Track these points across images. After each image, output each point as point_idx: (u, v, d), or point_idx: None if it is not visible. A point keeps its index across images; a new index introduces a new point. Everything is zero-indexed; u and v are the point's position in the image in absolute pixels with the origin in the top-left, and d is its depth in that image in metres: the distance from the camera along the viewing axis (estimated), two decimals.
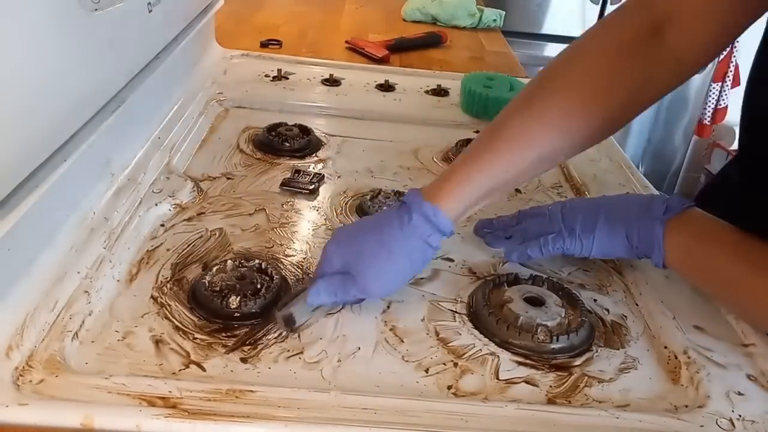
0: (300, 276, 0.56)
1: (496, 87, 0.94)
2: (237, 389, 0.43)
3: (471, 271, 0.60)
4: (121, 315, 0.50)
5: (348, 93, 0.98)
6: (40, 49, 0.49)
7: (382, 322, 0.52)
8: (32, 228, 0.49)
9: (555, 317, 0.52)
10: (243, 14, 1.38)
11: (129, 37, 0.66)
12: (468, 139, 0.83)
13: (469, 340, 0.51)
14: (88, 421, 0.39)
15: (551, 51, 2.14)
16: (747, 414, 0.45)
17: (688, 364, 0.50)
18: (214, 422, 0.40)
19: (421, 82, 1.04)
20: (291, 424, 0.41)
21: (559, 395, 0.47)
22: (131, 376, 0.44)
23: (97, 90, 0.61)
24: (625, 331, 0.54)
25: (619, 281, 0.60)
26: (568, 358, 0.50)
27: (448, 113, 0.95)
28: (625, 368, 0.50)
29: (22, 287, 0.48)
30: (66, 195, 0.55)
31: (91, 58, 0.58)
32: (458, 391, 0.46)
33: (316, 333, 0.50)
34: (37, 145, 0.50)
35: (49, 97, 0.51)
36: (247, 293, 0.51)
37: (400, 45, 1.26)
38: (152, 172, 0.68)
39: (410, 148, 0.84)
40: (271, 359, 0.47)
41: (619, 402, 0.47)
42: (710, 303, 0.57)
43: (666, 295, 0.57)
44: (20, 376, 0.42)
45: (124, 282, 0.54)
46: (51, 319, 0.47)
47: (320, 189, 0.71)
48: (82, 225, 0.56)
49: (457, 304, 0.55)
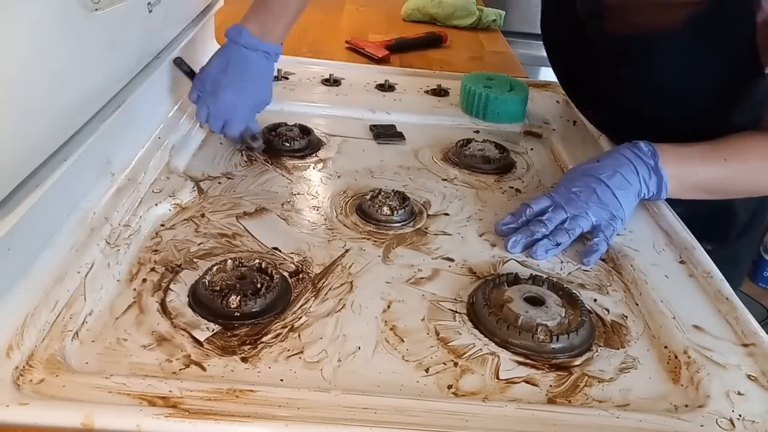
0: (300, 276, 0.56)
1: (496, 87, 0.94)
2: (237, 389, 0.43)
3: (471, 270, 0.60)
4: (121, 315, 0.50)
5: (348, 93, 0.98)
6: (41, 49, 0.49)
7: (383, 322, 0.52)
8: (32, 228, 0.49)
9: (555, 317, 0.52)
10: (243, 14, 1.38)
11: (129, 37, 0.66)
12: (468, 139, 0.83)
13: (469, 339, 0.51)
14: (89, 420, 0.39)
15: None
16: (747, 414, 0.45)
17: (688, 363, 0.50)
18: (215, 422, 0.40)
19: (421, 82, 1.04)
20: (291, 423, 0.41)
21: (559, 395, 0.47)
22: (131, 375, 0.44)
23: (97, 90, 0.61)
24: (625, 330, 0.54)
25: (619, 281, 0.60)
26: (568, 357, 0.50)
27: (448, 113, 0.95)
28: (625, 368, 0.50)
29: (22, 287, 0.48)
30: (66, 195, 0.55)
31: (91, 58, 0.58)
32: (458, 390, 0.46)
33: (316, 333, 0.50)
34: (37, 145, 0.50)
35: (49, 97, 0.51)
36: (247, 293, 0.51)
37: (400, 45, 1.26)
38: (152, 172, 0.68)
39: (410, 148, 0.84)
40: (271, 359, 0.47)
41: (619, 402, 0.47)
42: (710, 303, 0.57)
43: (666, 295, 0.57)
44: (20, 376, 0.42)
45: (124, 282, 0.54)
46: (51, 319, 0.47)
47: (320, 192, 0.71)
48: (82, 225, 0.56)
49: (457, 304, 0.55)
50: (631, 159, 0.66)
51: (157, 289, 0.53)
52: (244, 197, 0.68)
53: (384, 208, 0.65)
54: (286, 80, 1.00)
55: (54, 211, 0.53)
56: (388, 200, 0.67)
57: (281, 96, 0.94)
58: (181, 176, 0.69)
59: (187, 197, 0.66)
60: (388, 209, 0.65)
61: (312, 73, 1.03)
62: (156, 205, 0.63)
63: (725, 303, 0.56)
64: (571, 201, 0.65)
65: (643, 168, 0.66)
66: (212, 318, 0.50)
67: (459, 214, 0.69)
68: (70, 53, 0.53)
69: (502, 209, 0.70)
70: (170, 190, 0.66)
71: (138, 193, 0.64)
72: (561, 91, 1.07)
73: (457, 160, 0.80)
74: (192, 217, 0.63)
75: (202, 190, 0.68)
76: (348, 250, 0.61)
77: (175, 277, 0.54)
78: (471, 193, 0.74)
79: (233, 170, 0.73)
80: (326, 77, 1.02)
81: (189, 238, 0.60)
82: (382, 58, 1.19)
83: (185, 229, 0.62)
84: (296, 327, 0.50)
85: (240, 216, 0.64)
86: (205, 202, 0.66)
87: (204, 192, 0.68)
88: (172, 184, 0.67)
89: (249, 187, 0.70)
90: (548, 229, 0.63)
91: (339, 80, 1.01)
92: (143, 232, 0.60)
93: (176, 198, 0.65)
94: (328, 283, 0.56)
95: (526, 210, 0.66)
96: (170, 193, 0.66)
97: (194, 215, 0.64)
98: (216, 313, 0.50)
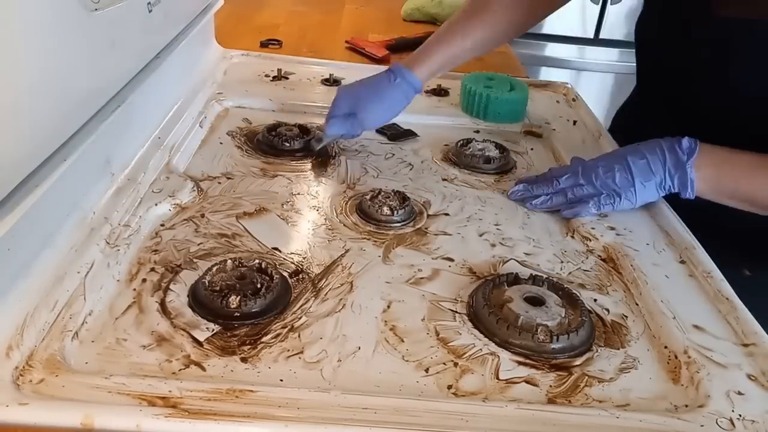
0: (300, 276, 0.56)
1: (496, 87, 0.94)
2: (237, 389, 0.43)
3: (471, 270, 0.60)
4: (121, 315, 0.50)
5: None
6: (40, 48, 0.49)
7: (383, 322, 0.52)
8: (32, 228, 0.49)
9: (555, 317, 0.52)
10: (243, 14, 1.38)
11: (129, 37, 0.66)
12: (468, 139, 0.83)
13: (469, 339, 0.51)
14: (88, 420, 0.39)
15: (551, 51, 2.14)
16: (747, 414, 0.45)
17: (688, 363, 0.50)
18: (215, 422, 0.40)
19: None
20: (291, 423, 0.41)
21: (559, 395, 0.47)
22: (131, 375, 0.44)
23: (97, 90, 0.61)
24: (626, 331, 0.54)
25: (619, 281, 0.60)
26: (568, 357, 0.50)
27: (448, 113, 0.95)
28: (625, 368, 0.50)
29: (22, 287, 0.48)
30: (66, 195, 0.55)
31: (91, 58, 0.58)
32: (458, 390, 0.46)
33: (316, 333, 0.50)
34: (37, 145, 0.50)
35: (49, 97, 0.51)
36: (247, 293, 0.51)
37: (400, 45, 1.26)
38: (152, 172, 0.68)
39: (410, 148, 0.84)
40: (271, 359, 0.47)
41: (620, 402, 0.47)
42: (710, 303, 0.57)
43: (666, 295, 0.57)
44: (20, 376, 0.42)
45: (124, 282, 0.54)
46: (51, 319, 0.47)
47: (320, 192, 0.71)
48: (82, 225, 0.56)
49: (458, 304, 0.55)
50: (665, 149, 0.66)
51: (157, 289, 0.53)
52: (244, 197, 0.68)
53: (384, 208, 0.65)
54: (286, 80, 1.00)
55: (54, 211, 0.53)
56: (388, 200, 0.67)
57: (281, 96, 0.94)
58: (181, 176, 0.69)
59: (187, 197, 0.66)
60: (388, 209, 0.65)
61: (312, 73, 1.03)
62: (156, 205, 0.63)
63: (725, 303, 0.56)
64: (588, 171, 0.68)
65: (673, 161, 0.65)
66: (212, 318, 0.50)
67: (459, 214, 0.69)
68: (70, 53, 0.53)
69: (502, 209, 0.71)
70: (170, 190, 0.66)
71: (138, 193, 0.64)
72: (561, 91, 1.07)
73: (457, 160, 0.80)
74: (192, 217, 0.63)
75: (202, 190, 0.68)
76: (348, 250, 0.61)
77: (174, 277, 0.54)
78: (471, 193, 0.74)
79: (233, 170, 0.73)
80: (326, 77, 1.02)
81: (189, 238, 0.60)
82: (382, 58, 1.19)
83: (185, 229, 0.62)
84: (296, 327, 0.50)
85: (240, 216, 0.64)
86: (205, 202, 0.66)
87: (204, 192, 0.68)
88: (172, 184, 0.67)
89: (249, 187, 0.70)
90: (554, 189, 0.70)
91: (339, 80, 1.01)
92: (143, 232, 0.60)
93: (176, 198, 0.65)
94: (328, 283, 0.56)
95: (548, 174, 0.73)
96: (170, 193, 0.66)
97: (194, 215, 0.64)
98: (216, 313, 0.50)
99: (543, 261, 0.62)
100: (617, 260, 0.63)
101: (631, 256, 0.63)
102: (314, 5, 1.53)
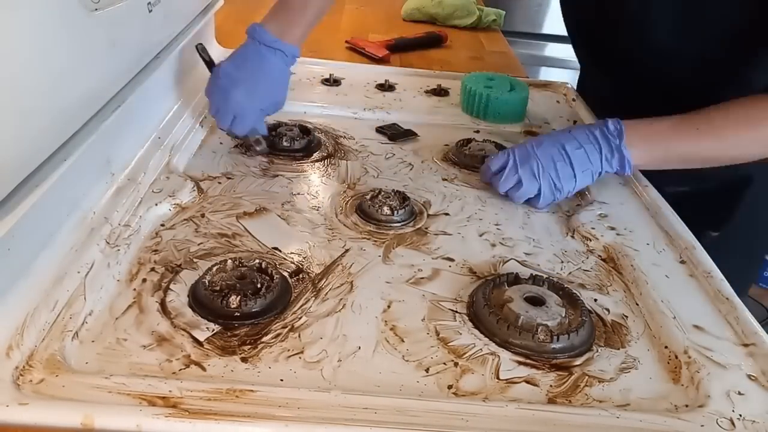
0: (300, 276, 0.56)
1: (496, 87, 0.94)
2: (237, 389, 0.43)
3: (471, 270, 0.60)
4: (121, 315, 0.50)
5: (348, 93, 0.98)
6: (40, 48, 0.49)
7: (383, 322, 0.52)
8: (32, 228, 0.49)
9: (555, 317, 0.52)
10: (243, 14, 1.38)
11: (129, 37, 0.66)
12: (468, 139, 0.83)
13: (469, 339, 0.51)
14: (88, 420, 0.39)
15: (551, 51, 2.14)
16: (747, 414, 0.45)
17: (688, 363, 0.50)
18: (215, 422, 0.40)
19: (421, 82, 1.04)
20: (291, 423, 0.41)
21: (559, 395, 0.47)
22: (131, 375, 0.44)
23: (97, 90, 0.61)
24: (626, 330, 0.54)
25: (619, 281, 0.60)
26: (568, 357, 0.50)
27: (448, 113, 0.95)
28: (625, 368, 0.50)
29: (22, 287, 0.48)
30: (66, 195, 0.55)
31: (91, 58, 0.58)
32: (458, 390, 0.46)
33: (316, 333, 0.50)
34: (37, 145, 0.50)
35: (49, 97, 0.51)
36: (247, 293, 0.51)
37: (400, 45, 1.26)
38: (152, 171, 0.68)
39: (410, 148, 0.84)
40: (271, 359, 0.47)
41: (620, 402, 0.47)
42: (710, 303, 0.57)
43: (666, 295, 0.57)
44: (20, 376, 0.42)
45: (124, 282, 0.54)
46: (51, 319, 0.47)
47: (320, 192, 0.71)
48: (82, 225, 0.56)
49: (458, 304, 0.55)
50: (598, 138, 0.70)
51: (157, 289, 0.53)
52: (244, 197, 0.68)
53: (384, 207, 0.65)
54: None
55: (54, 211, 0.53)
56: (388, 200, 0.67)
57: None
58: (181, 176, 0.69)
59: (187, 197, 0.66)
60: (388, 209, 0.65)
61: (312, 73, 1.03)
62: (156, 205, 0.63)
63: (725, 303, 0.56)
64: (527, 162, 0.69)
65: (607, 147, 0.69)
66: (212, 318, 0.50)
67: (459, 214, 0.69)
68: (70, 53, 0.53)
69: (502, 209, 0.71)
70: (170, 190, 0.66)
71: (138, 193, 0.64)
72: (561, 91, 1.07)
73: (457, 160, 0.80)
74: (192, 217, 0.63)
75: (202, 190, 0.68)
76: (348, 250, 0.61)
77: (175, 277, 0.54)
78: (471, 193, 0.74)
79: (233, 170, 0.73)
80: (326, 77, 1.02)
81: (189, 238, 0.60)
82: (382, 58, 1.19)
83: (185, 229, 0.62)
84: (296, 327, 0.50)
85: (240, 216, 0.64)
86: (205, 202, 0.66)
87: (204, 192, 0.68)
88: (172, 184, 0.67)
89: (249, 187, 0.70)
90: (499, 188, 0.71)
91: (339, 80, 1.01)
92: (143, 232, 0.60)
93: (176, 198, 0.65)
94: (328, 283, 0.56)
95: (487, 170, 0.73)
96: (170, 193, 0.65)
97: (194, 215, 0.64)
98: (216, 313, 0.50)
99: (543, 261, 0.62)
100: (617, 260, 0.63)
101: (632, 256, 0.63)
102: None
